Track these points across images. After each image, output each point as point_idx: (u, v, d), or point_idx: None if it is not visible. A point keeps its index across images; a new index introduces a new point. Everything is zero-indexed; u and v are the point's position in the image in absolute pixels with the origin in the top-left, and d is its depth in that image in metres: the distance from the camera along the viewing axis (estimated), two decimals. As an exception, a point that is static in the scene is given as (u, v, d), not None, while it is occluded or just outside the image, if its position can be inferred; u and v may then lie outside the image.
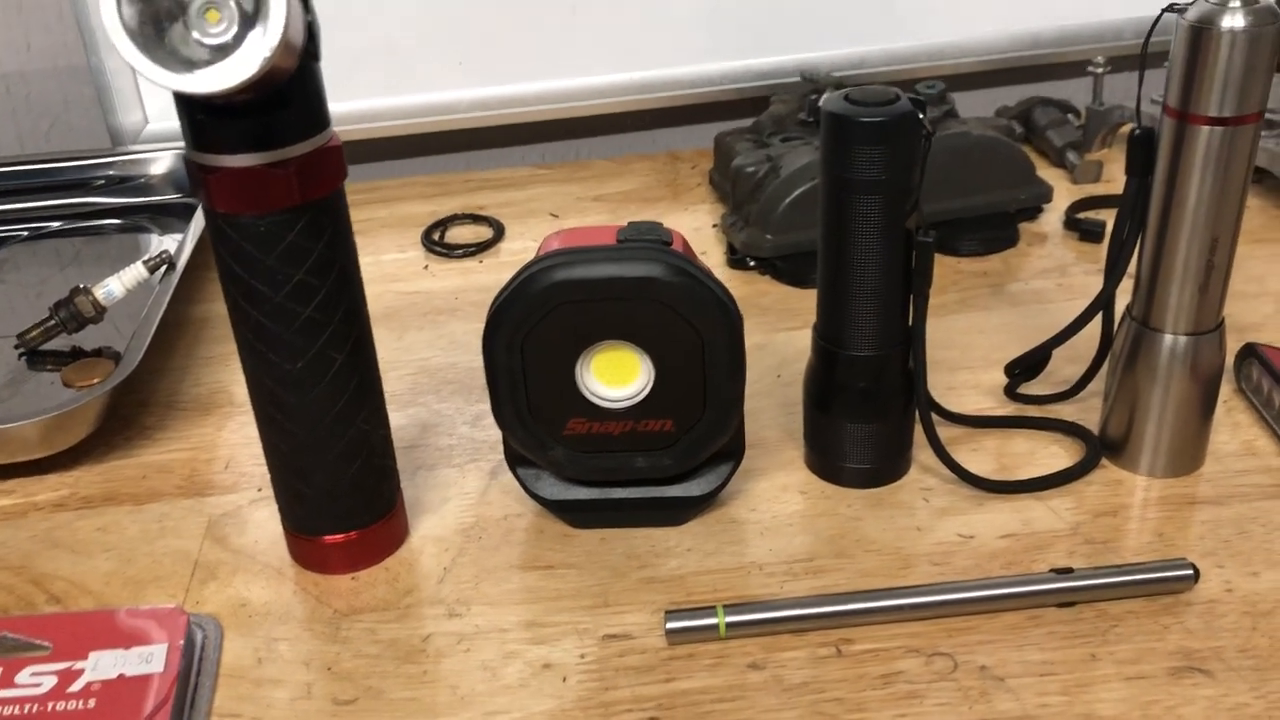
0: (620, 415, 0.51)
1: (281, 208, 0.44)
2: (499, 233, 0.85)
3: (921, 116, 0.49)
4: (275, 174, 0.43)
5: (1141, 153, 0.51)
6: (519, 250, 0.83)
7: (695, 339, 0.49)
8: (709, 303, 0.49)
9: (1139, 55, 0.50)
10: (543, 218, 0.87)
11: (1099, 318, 0.57)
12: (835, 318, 0.53)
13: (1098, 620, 0.47)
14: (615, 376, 0.51)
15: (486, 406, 0.64)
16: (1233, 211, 0.50)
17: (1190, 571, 0.48)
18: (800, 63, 0.94)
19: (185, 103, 0.43)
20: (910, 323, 0.53)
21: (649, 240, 0.50)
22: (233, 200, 0.44)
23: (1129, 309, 0.54)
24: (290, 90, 0.43)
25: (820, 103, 0.51)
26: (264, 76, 0.39)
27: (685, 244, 0.52)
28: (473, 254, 0.82)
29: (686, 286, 0.48)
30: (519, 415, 0.51)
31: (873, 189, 0.49)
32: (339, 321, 0.47)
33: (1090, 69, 0.88)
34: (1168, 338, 0.52)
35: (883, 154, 0.49)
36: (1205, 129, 0.48)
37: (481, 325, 0.50)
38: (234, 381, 0.68)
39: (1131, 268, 0.54)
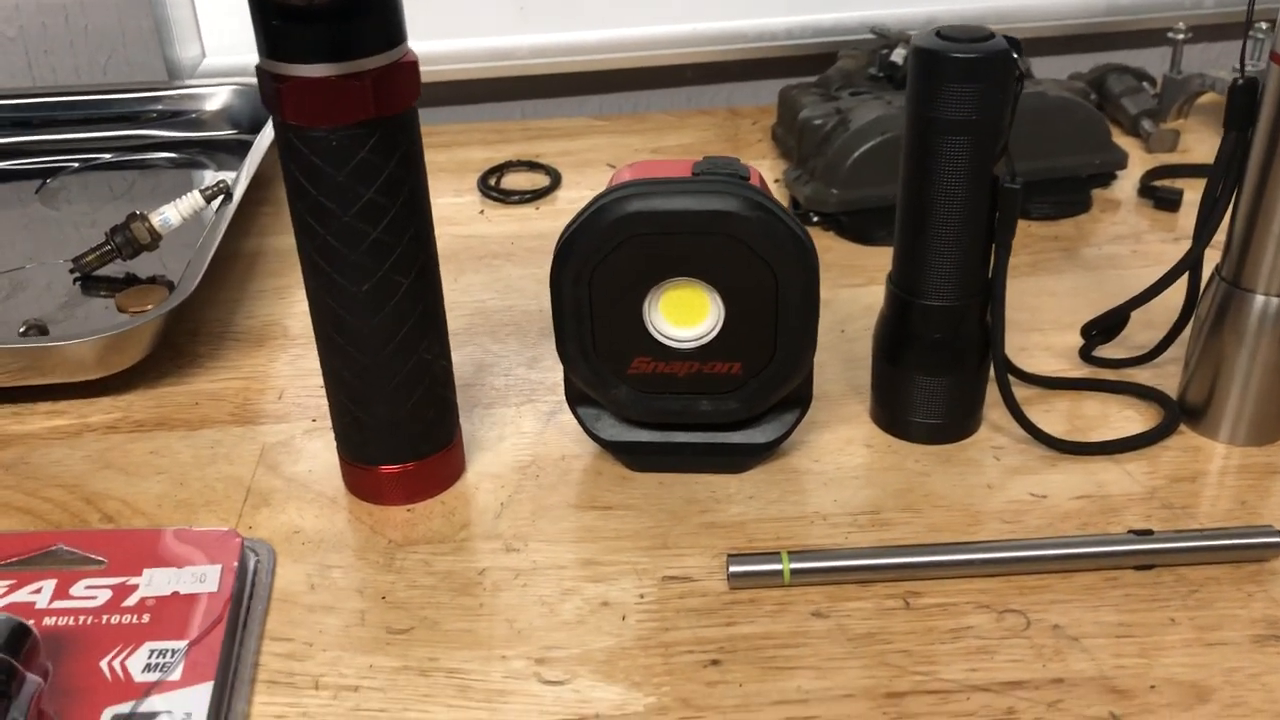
0: (687, 356, 0.50)
1: (354, 121, 0.43)
2: (556, 181, 0.83)
3: (1016, 56, 0.47)
4: (350, 86, 0.42)
5: (1243, 104, 0.49)
6: (575, 199, 0.81)
7: (769, 278, 0.48)
8: (786, 240, 0.47)
9: (1247, 10, 0.48)
10: (600, 168, 0.86)
11: (1181, 281, 0.55)
12: (912, 265, 0.51)
13: (1177, 584, 0.46)
14: (684, 315, 0.50)
15: (544, 349, 0.63)
16: (1338, 168, 0.48)
17: (1278, 539, 0.46)
18: (866, 20, 0.92)
19: (260, 7, 0.41)
20: (990, 274, 0.52)
21: (726, 174, 0.48)
22: (304, 112, 0.43)
23: (1218, 269, 0.52)
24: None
25: (911, 40, 0.49)
26: (346, -22, 0.38)
27: (763, 181, 0.50)
28: (529, 201, 0.81)
29: (764, 222, 0.47)
30: (583, 351, 0.50)
31: (961, 129, 0.47)
32: (407, 244, 0.46)
33: (1170, 35, 0.85)
34: (1259, 299, 0.50)
35: (974, 92, 0.47)
36: (1316, 78, 0.46)
37: (538, 271, 0.49)
38: (288, 315, 0.68)
39: (1221, 229, 0.52)
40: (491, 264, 0.73)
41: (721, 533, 0.49)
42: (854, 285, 0.68)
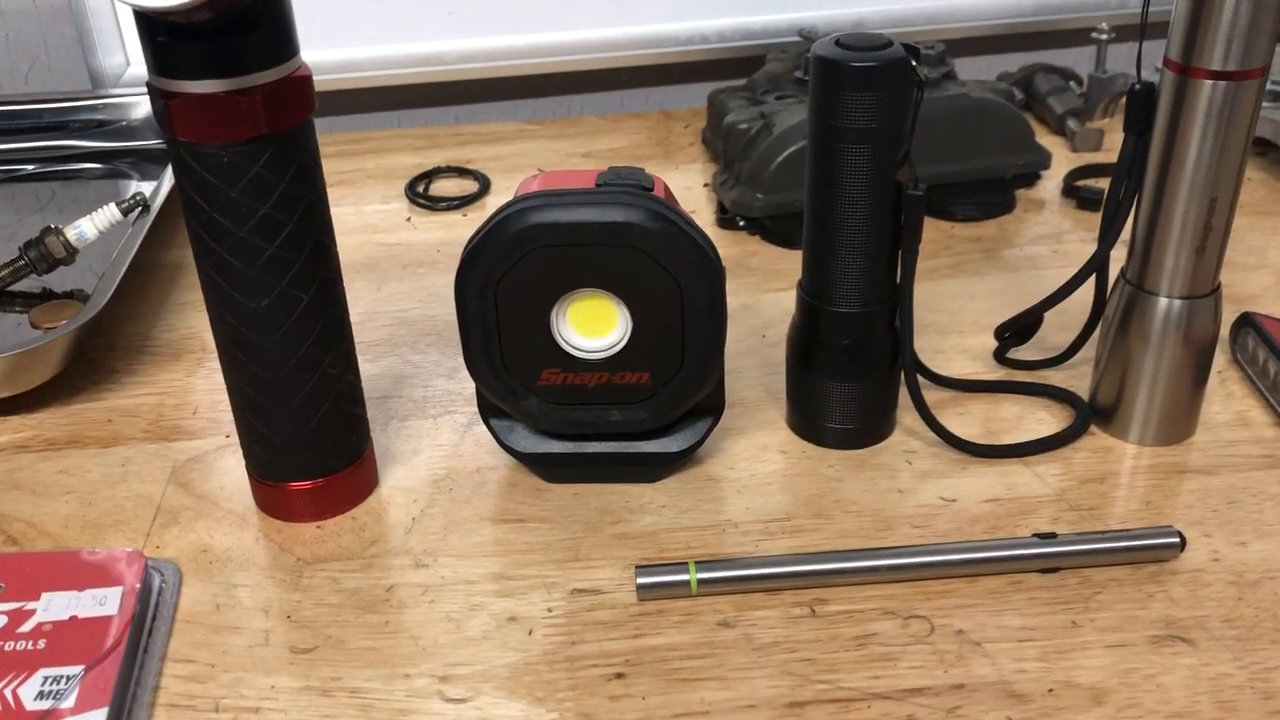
0: (596, 366, 0.50)
1: (246, 138, 0.42)
2: (484, 187, 0.83)
3: (914, 64, 0.47)
4: (240, 101, 0.42)
5: (1140, 109, 0.49)
6: (505, 205, 0.81)
7: (674, 288, 0.48)
8: (688, 250, 0.47)
9: (1141, 14, 0.48)
10: (530, 173, 0.85)
11: (1092, 282, 0.55)
12: (820, 272, 0.52)
13: (1080, 587, 0.46)
14: (591, 326, 0.49)
15: (464, 360, 0.63)
16: (1233, 171, 0.48)
17: (1176, 539, 0.46)
18: (796, 22, 0.92)
19: (146, 24, 0.41)
20: (898, 280, 0.52)
21: (628, 185, 0.48)
22: (195, 128, 0.42)
23: (1123, 271, 0.53)
24: (256, 14, 0.41)
25: (810, 49, 0.49)
26: (224, -6, 0.37)
27: (667, 190, 0.50)
28: (456, 207, 0.81)
29: (665, 233, 0.47)
30: (491, 364, 0.50)
31: (862, 138, 0.48)
32: (305, 260, 0.46)
33: (1094, 35, 0.86)
34: (1162, 301, 0.51)
35: (873, 101, 0.47)
36: (1208, 84, 0.46)
37: (462, 279, 0.49)
38: (206, 328, 0.66)
39: (1126, 231, 0.52)
40: (416, 272, 0.72)
41: (633, 543, 0.49)
42: (777, 289, 0.69)
